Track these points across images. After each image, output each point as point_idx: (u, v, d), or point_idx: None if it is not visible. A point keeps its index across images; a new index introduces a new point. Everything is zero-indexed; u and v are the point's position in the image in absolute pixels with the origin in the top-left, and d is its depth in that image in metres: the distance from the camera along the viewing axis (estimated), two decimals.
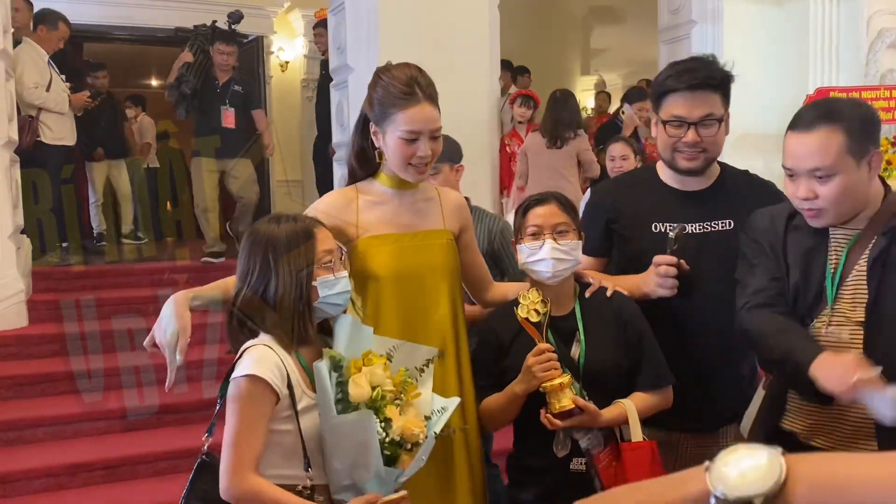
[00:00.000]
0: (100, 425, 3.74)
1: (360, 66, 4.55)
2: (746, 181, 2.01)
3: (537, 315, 1.77)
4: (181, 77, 5.53)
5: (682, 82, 1.85)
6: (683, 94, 1.84)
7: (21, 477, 3.34)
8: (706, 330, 1.91)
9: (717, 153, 1.91)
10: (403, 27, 4.58)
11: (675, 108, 1.86)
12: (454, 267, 1.96)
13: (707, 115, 1.85)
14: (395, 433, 1.52)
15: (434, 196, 2.00)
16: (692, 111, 1.84)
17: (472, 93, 4.78)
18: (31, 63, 5.27)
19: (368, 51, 4.57)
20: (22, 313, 4.45)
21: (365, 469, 1.51)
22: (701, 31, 5.11)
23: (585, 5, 9.53)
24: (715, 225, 1.92)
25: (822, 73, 5.11)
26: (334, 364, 1.54)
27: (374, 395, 1.53)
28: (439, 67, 2.04)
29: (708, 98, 1.85)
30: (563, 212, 1.85)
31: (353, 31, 4.70)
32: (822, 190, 1.57)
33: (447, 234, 1.96)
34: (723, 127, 1.89)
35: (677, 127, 1.86)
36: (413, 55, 4.98)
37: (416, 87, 1.84)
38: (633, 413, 1.78)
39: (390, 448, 1.53)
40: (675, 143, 1.88)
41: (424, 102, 1.84)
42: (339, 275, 1.62)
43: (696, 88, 1.84)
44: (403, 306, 1.87)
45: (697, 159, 1.88)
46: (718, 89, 1.87)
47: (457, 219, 2.01)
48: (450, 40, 4.68)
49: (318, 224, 1.67)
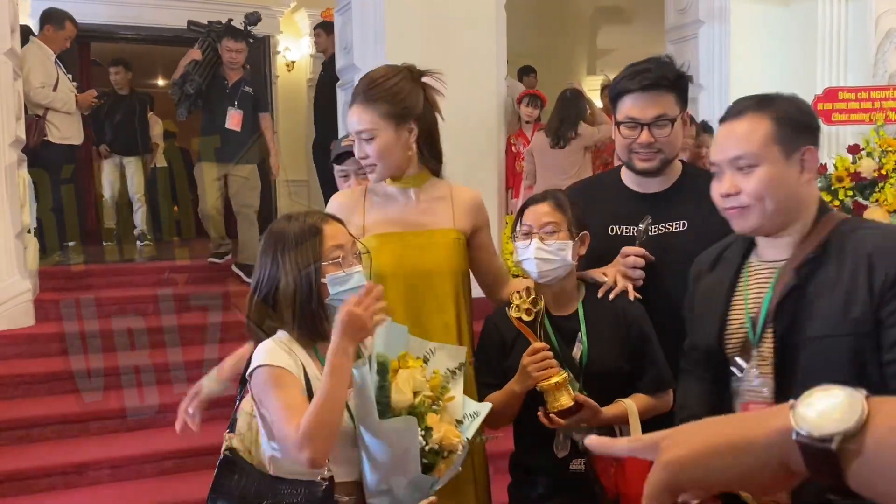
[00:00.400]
0: (107, 424, 3.75)
1: (366, 65, 4.54)
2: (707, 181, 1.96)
3: (529, 314, 1.75)
4: (186, 75, 5.33)
5: (634, 83, 1.86)
6: (636, 94, 1.86)
7: (29, 475, 3.35)
8: (662, 332, 1.86)
9: (673, 153, 1.92)
10: (410, 27, 4.58)
11: (628, 110, 1.88)
12: (460, 267, 1.95)
13: (659, 115, 1.86)
14: (434, 442, 1.51)
15: (445, 195, 1.98)
16: (644, 112, 1.86)
17: (478, 92, 4.78)
18: (38, 63, 5.28)
19: (375, 50, 4.57)
20: (29, 312, 4.46)
21: (403, 476, 1.50)
22: (708, 30, 5.10)
23: (592, 5, 9.51)
24: (669, 226, 1.93)
25: (829, 74, 5.09)
26: (381, 368, 1.52)
27: (417, 402, 1.52)
28: (446, 67, 2.04)
29: (661, 98, 1.86)
30: (556, 211, 1.84)
31: (360, 30, 4.70)
32: (745, 183, 1.41)
33: (454, 234, 1.94)
34: (678, 127, 1.89)
35: (631, 128, 1.88)
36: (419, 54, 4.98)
37: (357, 90, 1.89)
38: (634, 413, 1.77)
39: (429, 456, 1.51)
40: (630, 143, 1.90)
41: (356, 105, 1.88)
42: (349, 270, 1.58)
43: (648, 89, 1.85)
44: (407, 305, 1.85)
45: (653, 160, 1.89)
46: (672, 90, 1.88)
47: (470, 218, 1.98)
48: (457, 40, 4.67)
49: (328, 219, 1.64)
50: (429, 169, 1.98)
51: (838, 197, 3.82)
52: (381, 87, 1.87)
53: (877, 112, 4.36)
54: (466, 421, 1.63)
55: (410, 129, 1.89)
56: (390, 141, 1.87)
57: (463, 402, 1.66)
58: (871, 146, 3.92)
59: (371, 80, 1.89)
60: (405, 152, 1.89)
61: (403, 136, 1.88)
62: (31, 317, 4.47)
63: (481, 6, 4.80)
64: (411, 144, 1.89)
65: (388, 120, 1.86)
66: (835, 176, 3.85)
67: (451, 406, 1.62)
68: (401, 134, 1.87)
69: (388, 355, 1.56)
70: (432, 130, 1.96)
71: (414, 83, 1.92)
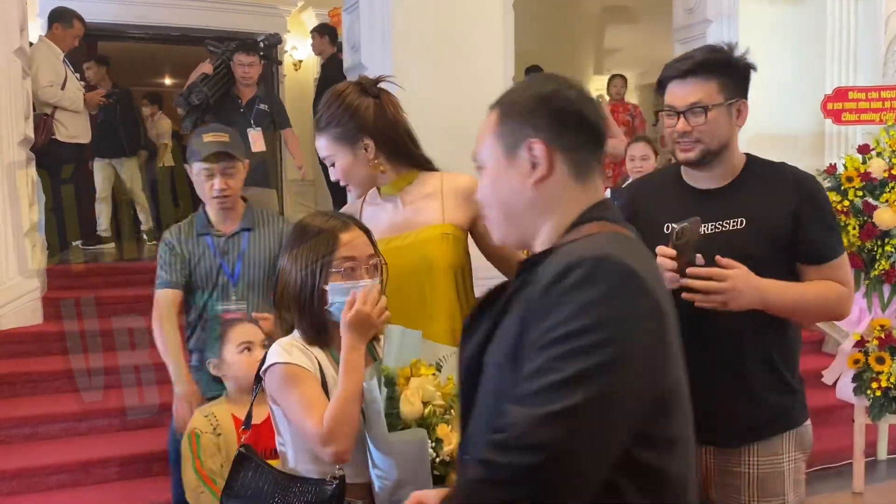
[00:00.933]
0: (114, 422, 3.76)
1: (374, 64, 4.54)
2: (773, 174, 1.87)
3: None
4: (193, 86, 4.87)
5: (675, 69, 1.80)
6: (677, 81, 1.80)
7: (37, 473, 3.36)
8: (713, 337, 1.79)
9: (712, 144, 1.79)
10: (417, 26, 4.57)
11: (668, 97, 1.82)
12: (455, 260, 1.91)
13: (694, 102, 1.76)
14: (445, 454, 1.48)
15: (434, 190, 1.96)
16: (681, 99, 1.79)
17: (485, 92, 4.76)
18: (46, 61, 5.29)
19: (383, 50, 4.57)
20: (37, 310, 4.48)
21: (413, 488, 1.48)
22: (716, 30, 5.07)
23: (599, 4, 9.49)
24: (726, 224, 1.83)
25: (839, 73, 5.07)
26: (387, 380, 1.51)
27: (427, 413, 1.49)
28: (453, 66, 2.04)
29: (700, 85, 1.76)
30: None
31: (367, 29, 4.69)
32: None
33: (445, 227, 1.91)
34: (717, 115, 1.77)
35: (670, 116, 1.81)
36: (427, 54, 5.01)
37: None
38: None
39: (440, 468, 1.49)
40: (671, 132, 1.82)
41: (316, 133, 1.96)
42: (353, 283, 1.57)
43: (687, 75, 1.77)
44: (404, 305, 1.80)
45: (692, 150, 1.79)
46: (716, 75, 1.76)
47: (464, 207, 1.93)
48: (464, 38, 4.66)
49: (352, 228, 1.63)
50: (411, 166, 1.97)
51: (848, 197, 3.79)
52: (326, 114, 1.91)
53: (887, 112, 4.33)
54: None
55: (367, 146, 1.90)
56: (348, 162, 1.91)
57: None
58: (882, 146, 3.89)
59: (318, 110, 1.95)
60: (367, 168, 1.92)
61: (360, 154, 1.90)
62: (39, 315, 4.49)
63: (488, 5, 4.78)
64: (371, 159, 1.91)
65: (340, 143, 1.90)
66: (844, 176, 3.82)
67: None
68: (357, 153, 1.90)
69: (393, 367, 1.54)
70: (394, 137, 1.93)
71: (362, 95, 1.92)
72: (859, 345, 3.72)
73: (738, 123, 1.83)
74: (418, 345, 1.60)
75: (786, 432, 1.85)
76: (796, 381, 1.88)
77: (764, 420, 1.83)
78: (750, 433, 1.84)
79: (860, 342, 3.71)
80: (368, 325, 1.52)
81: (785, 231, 1.77)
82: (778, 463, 1.84)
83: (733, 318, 1.74)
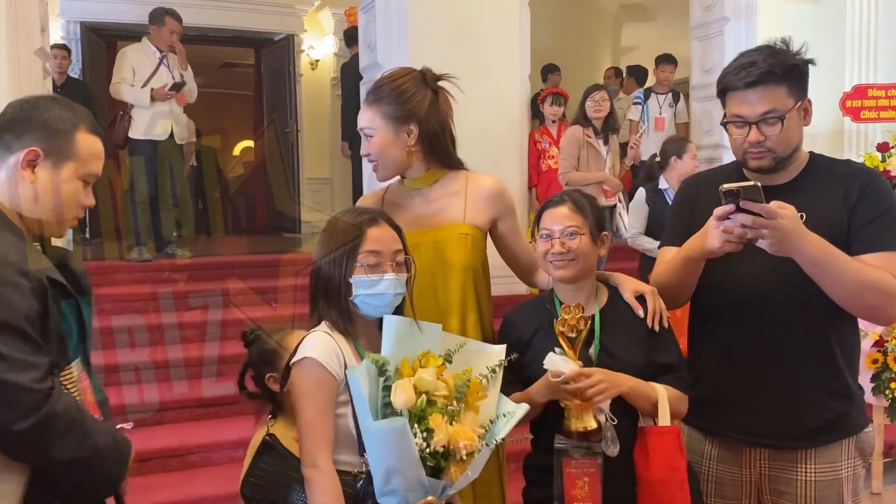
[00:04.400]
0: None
1: (390, 63, 4.55)
2: (834, 169, 1.84)
3: (572, 332, 1.71)
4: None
5: (739, 80, 1.74)
6: (743, 91, 1.74)
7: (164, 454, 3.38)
8: (765, 329, 1.77)
9: (786, 151, 1.76)
10: (433, 24, 4.58)
11: (735, 107, 1.76)
12: (471, 260, 1.92)
13: (767, 112, 1.71)
14: (438, 444, 1.48)
15: (460, 189, 1.97)
16: (751, 108, 1.73)
17: (502, 90, 4.77)
18: (124, 61, 5.54)
19: (399, 49, 4.58)
20: None
21: (403, 477, 1.49)
22: (734, 27, 5.05)
23: (616, 2, 9.46)
24: None
25: (858, 71, 5.02)
26: (378, 368, 1.52)
27: (419, 403, 1.50)
28: (469, 64, 2.05)
29: (769, 93, 1.71)
30: (576, 213, 1.80)
31: (384, 28, 4.71)
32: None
33: (465, 228, 1.92)
34: (791, 121, 1.74)
35: (739, 127, 1.77)
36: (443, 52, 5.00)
37: (368, 90, 1.96)
38: (664, 397, 1.73)
39: (432, 459, 1.49)
40: (741, 143, 1.78)
41: (364, 104, 1.96)
42: (375, 276, 1.61)
43: (754, 85, 1.72)
44: (416, 299, 1.79)
45: (765, 158, 1.76)
46: (783, 81, 1.72)
47: (487, 209, 1.96)
48: (480, 37, 4.67)
49: (380, 223, 1.66)
50: (442, 165, 1.98)
51: None
52: (385, 89, 1.93)
53: None
54: (500, 421, 1.60)
55: (410, 131, 1.91)
56: (387, 140, 1.92)
57: (497, 403, 1.63)
58: None
59: (378, 81, 1.97)
60: (403, 152, 1.93)
61: (402, 137, 1.92)
62: None
63: (505, 3, 4.79)
64: (410, 145, 1.92)
65: (387, 120, 1.91)
66: None
67: (484, 406, 1.60)
68: (399, 135, 1.91)
69: (392, 356, 1.55)
70: (439, 133, 1.95)
71: (423, 85, 1.95)
72: (878, 345, 3.68)
73: (806, 123, 1.80)
74: (439, 337, 1.61)
75: (845, 439, 1.79)
76: (856, 384, 1.83)
77: (823, 425, 1.77)
78: (807, 438, 1.78)
79: (879, 342, 3.68)
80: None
81: (843, 224, 1.73)
82: (836, 470, 1.78)
83: (786, 308, 1.71)
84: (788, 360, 1.77)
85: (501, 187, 2.01)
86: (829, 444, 1.78)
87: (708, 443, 1.90)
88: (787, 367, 1.77)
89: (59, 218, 1.52)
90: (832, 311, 1.72)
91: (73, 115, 1.51)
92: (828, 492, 1.77)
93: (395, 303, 1.64)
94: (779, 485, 1.81)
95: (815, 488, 1.77)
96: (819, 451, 1.78)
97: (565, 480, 1.72)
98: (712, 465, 1.88)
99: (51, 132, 1.48)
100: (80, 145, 1.51)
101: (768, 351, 1.77)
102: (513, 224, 2.03)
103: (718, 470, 1.87)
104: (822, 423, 1.77)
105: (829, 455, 1.78)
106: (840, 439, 1.78)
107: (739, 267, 1.78)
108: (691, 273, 1.81)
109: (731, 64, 1.80)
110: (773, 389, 1.78)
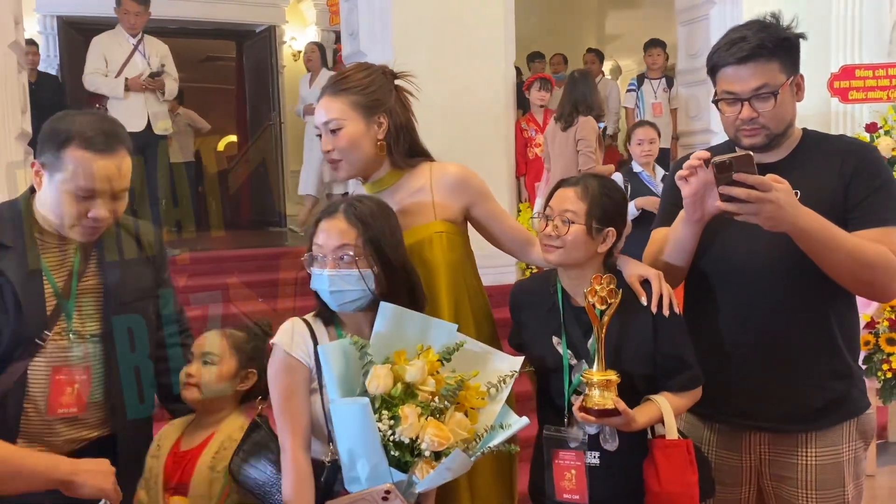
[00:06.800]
0: None
1: (373, 51, 4.50)
2: (828, 145, 1.81)
3: (602, 304, 1.65)
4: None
5: (730, 55, 1.70)
6: (734, 67, 1.70)
7: None
8: (761, 308, 1.74)
9: (779, 127, 1.72)
10: (417, 12, 4.52)
11: (726, 83, 1.72)
12: (453, 258, 1.85)
13: (760, 87, 1.67)
14: (404, 434, 1.44)
15: (424, 184, 1.87)
16: (743, 85, 1.69)
17: (486, 78, 4.72)
18: (95, 50, 5.29)
19: (383, 37, 4.52)
20: None
21: (366, 461, 1.46)
22: (720, 10, 5.03)
23: None
24: None
25: (844, 52, 5.00)
26: (358, 350, 1.52)
27: (393, 391, 1.48)
28: (453, 52, 2.00)
29: (761, 68, 1.67)
30: (580, 200, 1.73)
31: (367, 16, 4.65)
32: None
33: (438, 226, 1.84)
34: (784, 97, 1.70)
35: (731, 104, 1.73)
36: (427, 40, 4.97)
37: (326, 85, 1.87)
38: (669, 411, 1.68)
39: (397, 448, 1.45)
40: (733, 120, 1.74)
41: (323, 98, 1.84)
42: (318, 271, 1.61)
43: (746, 60, 1.68)
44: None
45: (758, 135, 1.72)
46: (775, 56, 1.68)
47: (454, 200, 1.87)
48: (465, 25, 4.62)
49: (334, 216, 1.63)
50: (405, 164, 1.89)
51: None
52: (351, 79, 1.83)
53: (895, 90, 4.28)
54: (494, 432, 1.55)
55: (380, 123, 1.83)
56: (359, 131, 1.81)
57: (498, 412, 1.58)
58: (889, 124, 3.85)
59: (340, 73, 1.88)
60: (373, 146, 1.83)
61: (372, 129, 1.82)
62: None
63: None
64: (379, 138, 1.83)
65: (356, 110, 1.81)
66: None
67: (484, 413, 1.56)
68: (370, 126, 1.82)
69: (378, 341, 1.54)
70: (403, 129, 1.87)
71: (385, 79, 1.87)
72: (869, 326, 3.68)
73: (799, 99, 1.76)
74: (453, 337, 1.59)
75: (846, 421, 1.76)
76: (857, 365, 1.79)
77: (823, 407, 1.74)
78: (807, 420, 1.75)
79: (870, 324, 3.67)
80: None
81: (839, 200, 1.70)
82: (837, 454, 1.75)
83: (779, 288, 1.68)
84: (786, 339, 1.73)
85: (466, 173, 1.90)
86: (830, 427, 1.75)
87: (706, 429, 1.86)
88: (785, 346, 1.73)
89: (65, 225, 1.67)
90: (829, 289, 1.68)
91: (69, 131, 1.62)
92: (829, 475, 1.74)
93: (356, 297, 1.60)
94: (779, 469, 1.78)
95: (816, 472, 1.74)
96: (820, 435, 1.75)
97: (555, 472, 1.71)
98: (711, 451, 1.85)
99: (47, 146, 1.63)
100: (67, 160, 1.62)
101: (765, 330, 1.74)
102: (488, 207, 1.92)
103: (717, 456, 1.84)
104: (823, 405, 1.74)
105: (830, 438, 1.75)
106: (841, 422, 1.75)
107: (734, 244, 1.75)
108: (683, 243, 1.77)
109: (720, 40, 1.75)
110: (771, 370, 1.74)
